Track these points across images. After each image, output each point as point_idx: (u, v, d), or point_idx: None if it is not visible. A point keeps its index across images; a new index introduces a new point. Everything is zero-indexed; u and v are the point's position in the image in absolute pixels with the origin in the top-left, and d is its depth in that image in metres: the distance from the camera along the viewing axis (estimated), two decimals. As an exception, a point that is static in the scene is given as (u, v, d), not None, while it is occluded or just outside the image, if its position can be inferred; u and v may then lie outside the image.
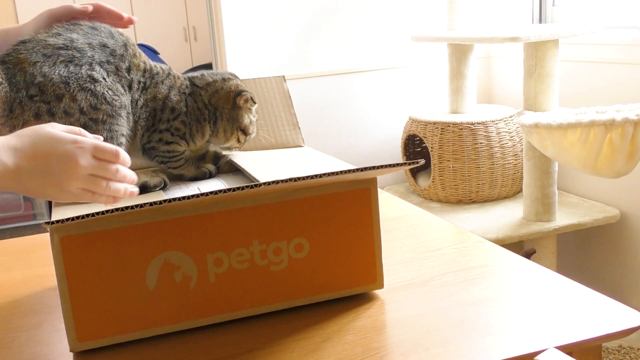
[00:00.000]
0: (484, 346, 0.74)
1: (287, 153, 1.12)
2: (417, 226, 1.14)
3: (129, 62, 0.95)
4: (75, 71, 0.87)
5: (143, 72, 0.98)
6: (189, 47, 4.98)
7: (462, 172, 2.37)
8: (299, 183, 0.75)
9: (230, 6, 2.48)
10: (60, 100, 0.86)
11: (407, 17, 2.71)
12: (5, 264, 1.09)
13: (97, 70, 0.90)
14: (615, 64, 2.20)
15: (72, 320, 0.77)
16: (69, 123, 0.87)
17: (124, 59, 0.94)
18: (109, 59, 0.92)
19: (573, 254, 2.52)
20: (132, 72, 0.95)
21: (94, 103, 0.88)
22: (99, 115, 0.89)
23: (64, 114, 0.87)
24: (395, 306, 0.86)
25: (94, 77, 0.89)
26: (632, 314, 0.80)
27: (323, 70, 2.65)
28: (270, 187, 0.74)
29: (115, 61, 0.93)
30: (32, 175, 0.71)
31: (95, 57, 0.90)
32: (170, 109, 0.99)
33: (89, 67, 0.89)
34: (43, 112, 0.86)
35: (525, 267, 0.95)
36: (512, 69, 2.72)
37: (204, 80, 1.03)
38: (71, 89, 0.87)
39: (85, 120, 0.88)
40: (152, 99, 0.97)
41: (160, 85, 0.98)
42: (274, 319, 0.84)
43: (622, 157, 1.72)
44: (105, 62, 0.91)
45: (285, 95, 1.20)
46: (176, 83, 1.01)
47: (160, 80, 0.99)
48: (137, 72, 0.96)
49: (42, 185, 0.72)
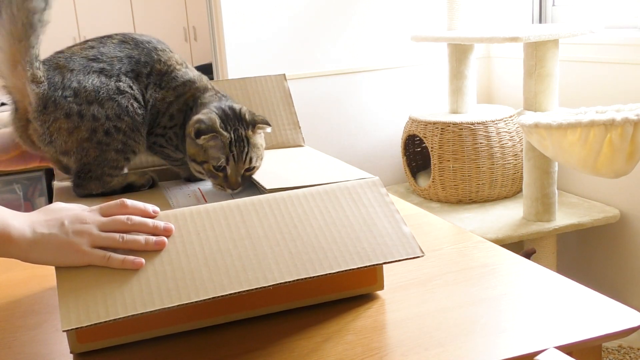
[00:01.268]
0: (484, 346, 0.74)
1: (288, 153, 1.12)
2: (417, 226, 1.14)
3: (150, 67, 0.98)
4: (106, 82, 0.94)
5: (162, 74, 0.99)
6: (189, 47, 4.98)
7: (462, 172, 2.37)
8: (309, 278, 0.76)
9: (230, 6, 2.48)
10: (91, 104, 0.93)
11: (407, 17, 2.71)
12: (5, 264, 1.09)
13: (123, 81, 0.96)
14: (615, 64, 2.20)
15: (72, 321, 0.77)
16: (94, 127, 0.93)
17: (147, 65, 0.98)
18: (134, 68, 0.97)
19: (573, 254, 2.52)
20: (151, 76, 0.98)
21: (118, 112, 0.94)
22: (122, 125, 0.94)
23: (92, 117, 0.93)
24: (395, 306, 0.86)
25: (120, 88, 0.95)
26: (632, 314, 0.79)
27: (323, 70, 2.65)
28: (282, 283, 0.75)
29: (138, 68, 0.98)
30: (49, 240, 0.75)
31: (122, 68, 0.96)
32: (170, 116, 0.99)
33: (117, 79, 0.95)
34: (74, 112, 0.92)
35: (525, 267, 0.95)
36: (512, 69, 2.72)
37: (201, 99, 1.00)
38: (100, 97, 0.93)
39: (109, 126, 0.94)
40: (161, 100, 0.99)
41: (171, 90, 0.99)
42: (274, 319, 0.84)
43: (622, 157, 1.72)
44: (130, 71, 0.97)
45: (285, 94, 1.20)
46: (186, 93, 1.00)
47: (174, 86, 0.99)
48: (156, 75, 0.99)
49: (60, 250, 0.75)
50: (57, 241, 0.75)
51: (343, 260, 0.78)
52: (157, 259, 0.76)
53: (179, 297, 0.72)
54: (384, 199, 0.86)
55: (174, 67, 1.00)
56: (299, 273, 0.75)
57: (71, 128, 0.92)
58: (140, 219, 0.79)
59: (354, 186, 0.87)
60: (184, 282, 0.73)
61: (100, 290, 0.73)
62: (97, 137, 0.93)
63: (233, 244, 0.78)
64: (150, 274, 0.74)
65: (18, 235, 0.74)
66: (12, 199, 3.81)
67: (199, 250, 0.77)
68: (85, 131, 0.92)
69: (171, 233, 0.79)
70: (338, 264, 0.77)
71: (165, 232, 0.78)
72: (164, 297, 0.72)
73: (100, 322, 0.69)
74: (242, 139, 0.93)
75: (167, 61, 1.00)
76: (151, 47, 1.00)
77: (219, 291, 0.72)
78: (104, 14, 4.58)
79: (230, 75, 2.53)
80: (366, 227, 0.82)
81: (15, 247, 0.74)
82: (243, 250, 0.77)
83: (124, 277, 0.74)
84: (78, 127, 0.92)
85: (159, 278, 0.74)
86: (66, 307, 0.71)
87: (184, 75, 1.00)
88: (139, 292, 0.72)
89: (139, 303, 0.71)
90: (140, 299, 0.71)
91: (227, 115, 0.94)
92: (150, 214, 0.80)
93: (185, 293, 0.72)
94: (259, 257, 0.77)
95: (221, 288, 0.73)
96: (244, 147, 0.93)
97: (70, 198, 0.96)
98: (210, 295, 0.72)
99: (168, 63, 1.00)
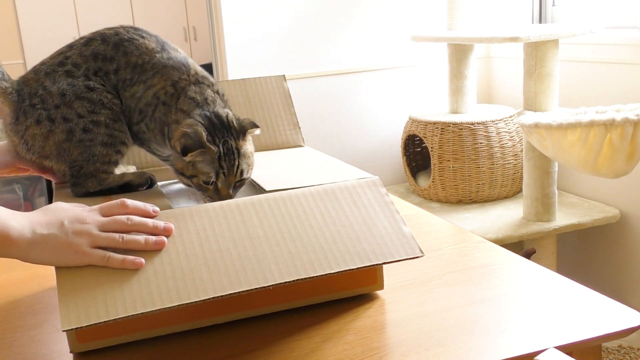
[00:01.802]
0: (484, 346, 0.74)
1: (288, 154, 1.12)
2: (417, 226, 1.14)
3: (117, 64, 0.95)
4: (73, 83, 0.94)
5: (133, 67, 0.95)
6: (189, 47, 4.98)
7: (462, 172, 2.37)
8: (308, 278, 0.76)
9: (230, 6, 2.48)
10: (58, 108, 0.93)
11: (407, 17, 2.71)
12: (5, 264, 1.09)
13: (93, 79, 0.95)
14: (615, 64, 2.20)
15: (72, 321, 0.77)
16: (69, 127, 0.92)
17: (113, 61, 0.96)
18: (101, 66, 0.95)
19: (573, 254, 2.52)
20: (120, 72, 0.95)
21: (91, 108, 0.93)
22: (101, 117, 0.93)
23: (62, 119, 0.93)
24: (395, 306, 0.86)
25: (89, 86, 0.94)
26: (632, 314, 0.79)
27: (323, 70, 2.65)
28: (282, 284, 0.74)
29: (105, 66, 0.95)
30: (48, 240, 0.75)
31: (90, 67, 0.95)
32: (139, 110, 0.96)
33: (85, 78, 0.94)
34: (43, 118, 0.93)
35: (525, 267, 0.95)
36: (512, 69, 2.72)
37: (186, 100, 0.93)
38: (67, 99, 0.93)
39: (86, 122, 0.92)
40: (130, 97, 0.96)
41: (141, 84, 0.95)
42: (274, 319, 0.84)
43: (622, 157, 1.72)
44: (98, 69, 0.95)
45: (285, 94, 1.20)
46: (157, 85, 0.94)
47: (144, 80, 0.95)
48: (125, 70, 0.95)
49: (60, 250, 0.75)
50: (57, 242, 0.75)
51: (343, 261, 0.78)
52: (157, 259, 0.76)
53: (179, 297, 0.72)
54: (384, 198, 0.86)
55: (145, 58, 0.95)
56: (298, 273, 0.75)
57: (45, 133, 0.92)
58: (140, 219, 0.79)
59: (354, 186, 0.87)
60: (184, 282, 0.73)
61: (100, 290, 0.73)
62: (76, 136, 0.92)
63: (233, 243, 0.78)
64: (150, 274, 0.74)
65: (17, 236, 0.74)
66: (12, 199, 3.81)
67: (199, 249, 0.77)
68: (60, 133, 0.92)
69: (171, 233, 0.79)
70: (338, 264, 0.77)
71: (165, 232, 0.78)
72: (164, 297, 0.72)
73: (100, 322, 0.69)
74: (232, 151, 0.89)
75: (135, 51, 0.95)
76: (117, 40, 0.96)
77: (218, 291, 0.72)
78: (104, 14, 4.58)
79: (230, 75, 2.53)
80: (366, 227, 0.82)
81: (15, 248, 0.74)
82: (243, 250, 0.77)
83: (123, 277, 0.74)
84: (52, 130, 0.92)
85: (158, 278, 0.74)
86: (66, 307, 0.71)
87: (156, 64, 0.95)
88: (139, 292, 0.72)
89: (139, 303, 0.71)
90: (140, 299, 0.71)
91: (213, 125, 0.89)
92: (150, 214, 0.80)
93: (185, 293, 0.72)
94: (258, 257, 0.77)
95: (221, 288, 0.73)
96: (234, 160, 0.89)
97: (70, 198, 0.96)
98: (210, 296, 0.72)
99: (137, 53, 0.95)
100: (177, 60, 0.96)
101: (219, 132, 0.89)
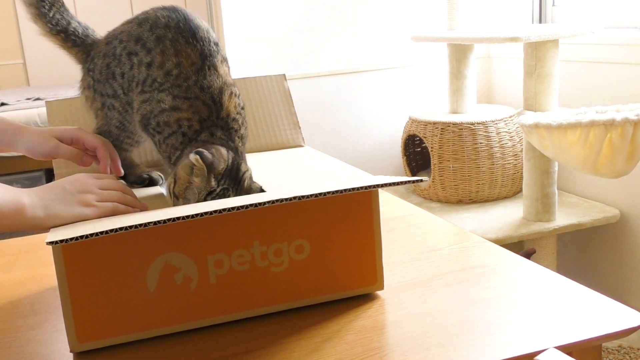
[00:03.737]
0: (484, 346, 0.74)
1: (288, 155, 1.12)
2: (417, 226, 1.14)
3: (151, 59, 0.94)
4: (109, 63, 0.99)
5: (166, 74, 0.92)
6: (189, 47, 4.98)
7: (462, 172, 2.37)
8: (302, 201, 0.75)
9: (230, 6, 2.48)
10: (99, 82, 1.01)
11: (407, 17, 2.71)
12: (5, 264, 1.09)
13: (125, 62, 0.98)
14: (615, 64, 2.20)
15: (73, 321, 0.77)
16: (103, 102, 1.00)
17: (149, 54, 0.94)
18: (137, 51, 0.96)
19: (573, 254, 2.52)
20: (152, 68, 0.94)
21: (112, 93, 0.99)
22: (116, 103, 0.99)
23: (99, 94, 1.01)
24: (395, 306, 0.86)
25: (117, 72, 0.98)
26: (632, 314, 0.80)
27: (323, 70, 2.65)
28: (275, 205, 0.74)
29: (141, 54, 0.95)
30: (55, 198, 0.81)
31: (129, 48, 0.97)
32: (156, 122, 0.93)
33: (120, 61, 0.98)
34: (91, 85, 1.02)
35: (525, 267, 0.95)
36: (512, 69, 2.72)
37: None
38: (103, 76, 1.00)
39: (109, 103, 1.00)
40: (156, 102, 0.93)
41: (169, 96, 0.92)
42: (274, 319, 0.84)
43: (622, 157, 1.72)
44: (134, 53, 0.96)
45: (285, 94, 1.20)
46: (183, 112, 0.91)
47: (174, 95, 0.91)
48: (157, 70, 0.93)
49: (67, 204, 0.82)
50: (66, 200, 0.81)
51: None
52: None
53: (158, 217, 0.71)
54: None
55: (182, 71, 0.91)
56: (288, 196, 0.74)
57: (90, 97, 1.02)
58: (131, 198, 0.88)
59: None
60: (173, 211, 0.74)
61: (91, 224, 0.77)
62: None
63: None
64: (139, 216, 0.78)
65: (30, 203, 0.79)
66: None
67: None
68: (98, 102, 1.01)
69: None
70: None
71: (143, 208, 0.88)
72: (144, 218, 0.72)
73: (86, 235, 0.69)
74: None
75: (172, 58, 0.92)
76: (161, 34, 0.93)
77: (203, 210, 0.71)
78: (104, 13, 4.58)
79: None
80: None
81: (31, 215, 0.79)
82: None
83: (116, 219, 0.78)
84: (94, 99, 1.01)
85: (147, 215, 0.76)
86: (55, 231, 0.76)
87: (190, 89, 0.91)
88: (124, 221, 0.73)
89: (126, 223, 0.71)
90: (122, 223, 0.71)
91: (230, 171, 0.87)
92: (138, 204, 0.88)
93: (173, 213, 0.72)
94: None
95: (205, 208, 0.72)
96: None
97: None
98: (193, 212, 0.71)
99: (174, 60, 0.92)
100: (211, 93, 0.91)
101: (228, 179, 0.87)
